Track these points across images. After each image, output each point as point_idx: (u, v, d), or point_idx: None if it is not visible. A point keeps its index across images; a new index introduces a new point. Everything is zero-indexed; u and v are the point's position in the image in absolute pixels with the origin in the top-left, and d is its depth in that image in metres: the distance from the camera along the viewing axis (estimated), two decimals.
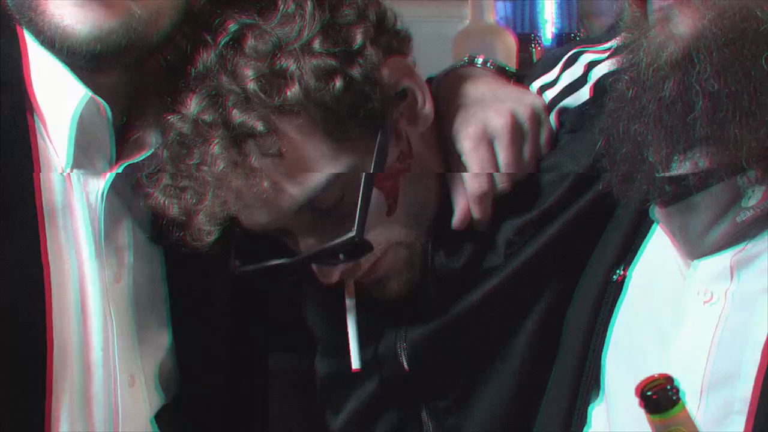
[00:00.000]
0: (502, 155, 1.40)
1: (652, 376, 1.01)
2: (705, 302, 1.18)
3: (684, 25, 1.10)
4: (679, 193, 1.17)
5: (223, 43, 1.31)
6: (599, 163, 1.25)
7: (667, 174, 1.15)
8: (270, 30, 1.31)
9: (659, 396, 0.99)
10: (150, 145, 1.35)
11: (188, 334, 1.46)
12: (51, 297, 1.28)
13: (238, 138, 1.29)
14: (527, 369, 1.43)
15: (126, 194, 1.39)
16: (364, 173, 1.34)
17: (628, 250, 1.31)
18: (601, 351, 1.31)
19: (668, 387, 0.99)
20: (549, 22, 2.87)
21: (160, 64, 1.34)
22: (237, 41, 1.31)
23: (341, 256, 1.38)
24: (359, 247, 1.36)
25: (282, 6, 1.32)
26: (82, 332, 1.33)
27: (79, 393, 1.33)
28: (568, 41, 2.62)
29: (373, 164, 1.35)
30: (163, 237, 1.36)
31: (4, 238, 1.26)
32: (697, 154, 1.13)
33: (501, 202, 1.42)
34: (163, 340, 1.45)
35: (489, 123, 1.41)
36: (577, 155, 1.40)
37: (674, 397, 0.99)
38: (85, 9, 1.23)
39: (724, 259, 1.17)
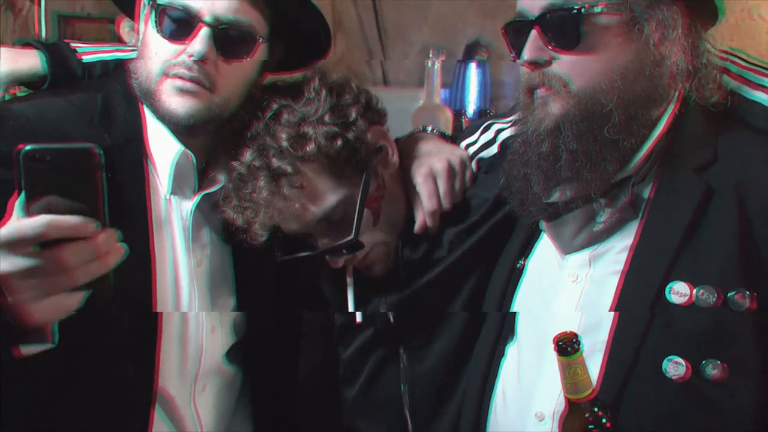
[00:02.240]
0: (442, 187, 1.42)
1: (564, 332, 1.00)
2: (573, 281, 1.21)
3: (556, 108, 1.13)
4: (555, 213, 1.19)
5: (268, 116, 1.33)
6: (503, 193, 1.27)
7: (546, 201, 1.18)
8: (298, 109, 1.33)
9: (566, 344, 0.99)
10: (220, 181, 1.37)
11: (246, 299, 1.46)
12: (155, 275, 1.29)
13: (275, 176, 1.30)
14: (464, 323, 1.43)
15: (206, 211, 1.39)
16: (359, 198, 1.35)
17: (526, 248, 1.33)
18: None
19: (574, 340, 0.99)
20: (471, 103, 2.90)
21: (228, 130, 1.36)
22: (277, 115, 1.33)
23: (344, 251, 1.39)
24: (355, 246, 1.38)
25: (306, 93, 1.35)
26: (175, 298, 1.34)
27: (177, 336, 1.34)
28: (484, 116, 2.62)
29: (360, 193, 1.36)
30: (231, 238, 1.37)
31: (129, 238, 1.26)
32: (564, 188, 1.16)
33: (445, 216, 1.44)
34: (229, 303, 1.45)
35: (433, 166, 1.42)
36: (490, 188, 1.41)
37: (576, 346, 0.99)
38: (183, 99, 1.27)
39: (585, 255, 1.20)
